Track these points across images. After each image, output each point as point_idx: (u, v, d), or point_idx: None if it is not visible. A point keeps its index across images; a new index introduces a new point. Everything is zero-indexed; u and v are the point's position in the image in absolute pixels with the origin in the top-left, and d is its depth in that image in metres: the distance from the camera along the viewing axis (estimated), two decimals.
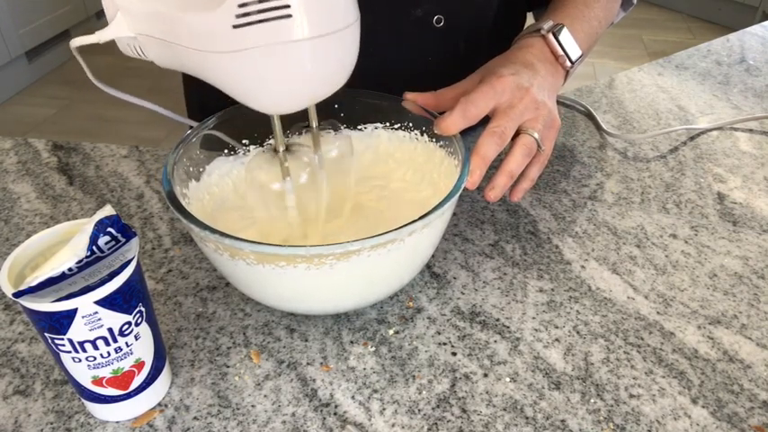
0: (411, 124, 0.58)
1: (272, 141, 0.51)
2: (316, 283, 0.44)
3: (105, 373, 0.40)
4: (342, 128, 0.52)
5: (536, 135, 0.52)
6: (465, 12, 0.66)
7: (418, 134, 0.58)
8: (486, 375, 0.46)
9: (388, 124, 0.59)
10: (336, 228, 0.55)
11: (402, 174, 0.59)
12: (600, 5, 0.64)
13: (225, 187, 0.56)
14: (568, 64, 0.59)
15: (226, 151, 0.56)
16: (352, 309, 0.50)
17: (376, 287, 0.48)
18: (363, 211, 0.56)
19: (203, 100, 0.80)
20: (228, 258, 0.44)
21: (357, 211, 0.56)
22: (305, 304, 0.48)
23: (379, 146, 0.60)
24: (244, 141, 0.58)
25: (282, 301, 0.48)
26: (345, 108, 0.58)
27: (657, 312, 0.52)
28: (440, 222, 0.47)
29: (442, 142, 0.55)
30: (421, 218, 0.43)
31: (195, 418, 0.43)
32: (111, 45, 0.49)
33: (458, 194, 0.46)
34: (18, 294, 0.36)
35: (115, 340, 0.39)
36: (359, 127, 0.59)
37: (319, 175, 0.50)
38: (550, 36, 0.58)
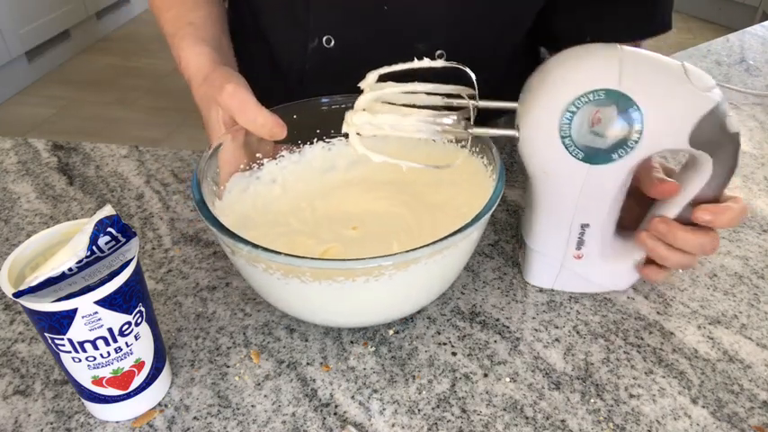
0: None
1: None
2: (309, 296, 0.44)
3: (105, 373, 0.40)
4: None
5: None
6: (468, 47, 0.66)
7: None
8: (486, 375, 0.46)
9: None
10: (354, 237, 0.54)
11: (422, 177, 0.57)
12: None
13: (245, 204, 0.54)
14: None
15: (242, 167, 0.54)
16: (355, 326, 0.50)
17: (372, 309, 0.46)
18: (389, 220, 0.55)
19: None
20: (240, 260, 0.44)
21: (382, 220, 0.56)
22: (306, 314, 0.48)
23: (392, 150, 0.59)
24: (257, 155, 0.56)
25: (287, 307, 0.48)
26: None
27: (657, 312, 0.52)
28: (463, 245, 0.45)
29: (463, 142, 0.53)
30: (429, 245, 0.40)
31: (195, 418, 0.43)
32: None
33: (488, 215, 0.44)
34: (18, 294, 0.36)
35: (115, 340, 0.39)
36: None
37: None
38: None
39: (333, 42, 0.65)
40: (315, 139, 0.59)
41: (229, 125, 0.52)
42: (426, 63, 0.45)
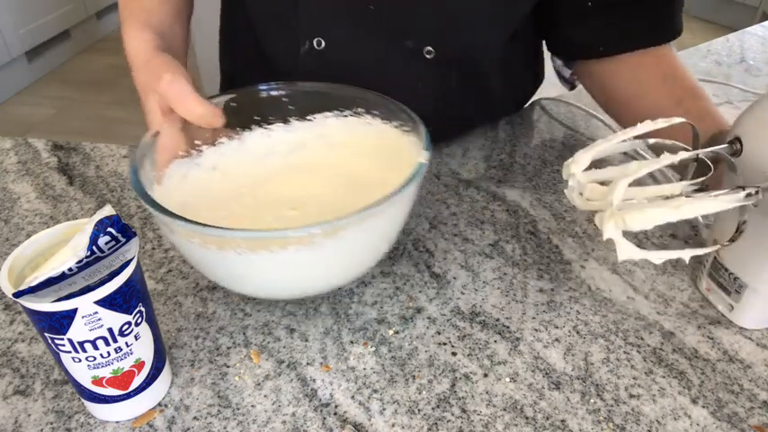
0: (361, 109, 0.57)
1: None
2: (246, 267, 0.45)
3: (105, 373, 0.40)
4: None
5: None
6: (456, 44, 0.66)
7: (369, 118, 0.57)
8: (486, 375, 0.46)
9: (337, 111, 0.59)
10: (295, 217, 0.55)
11: (360, 158, 0.58)
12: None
13: (184, 191, 0.54)
14: None
15: (181, 153, 0.54)
16: (295, 296, 0.51)
17: (308, 277, 0.48)
18: (329, 201, 0.56)
19: (234, 69, 0.79)
20: (177, 238, 0.45)
21: (322, 201, 0.56)
22: (247, 287, 0.49)
23: (330, 134, 0.59)
24: (196, 142, 0.55)
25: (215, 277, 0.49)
26: (292, 99, 0.58)
27: (657, 312, 0.52)
28: (391, 213, 0.46)
29: (396, 122, 0.55)
30: (353, 213, 0.42)
31: (195, 418, 0.43)
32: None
33: (409, 189, 0.45)
34: (18, 294, 0.36)
35: (115, 340, 0.39)
36: (307, 117, 0.59)
37: None
38: None
39: (323, 44, 0.65)
40: (253, 126, 0.59)
41: (167, 112, 0.52)
42: (668, 159, 0.40)
